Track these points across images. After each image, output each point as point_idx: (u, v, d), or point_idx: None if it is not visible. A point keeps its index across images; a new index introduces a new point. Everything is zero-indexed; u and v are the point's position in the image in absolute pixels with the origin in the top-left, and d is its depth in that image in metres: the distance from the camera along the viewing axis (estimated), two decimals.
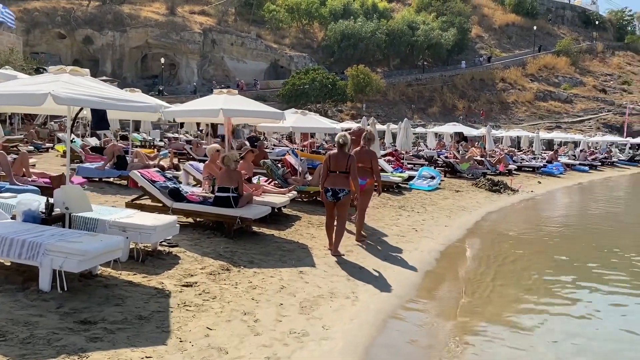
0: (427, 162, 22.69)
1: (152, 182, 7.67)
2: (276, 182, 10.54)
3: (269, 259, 6.46)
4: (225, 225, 7.21)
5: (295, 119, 11.77)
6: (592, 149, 37.61)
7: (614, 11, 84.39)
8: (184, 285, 5.15)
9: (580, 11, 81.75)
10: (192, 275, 5.45)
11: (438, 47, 58.12)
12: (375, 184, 8.15)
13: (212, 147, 8.80)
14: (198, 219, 7.77)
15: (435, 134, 33.67)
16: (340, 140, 7.34)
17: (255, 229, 7.75)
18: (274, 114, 7.66)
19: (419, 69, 60.77)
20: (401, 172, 17.26)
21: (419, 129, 38.07)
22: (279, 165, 12.03)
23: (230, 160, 7.42)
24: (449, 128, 26.97)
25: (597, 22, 77.83)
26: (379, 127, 36.89)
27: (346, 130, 9.30)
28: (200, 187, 8.81)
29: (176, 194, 7.56)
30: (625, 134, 47.81)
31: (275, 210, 8.66)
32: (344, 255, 7.18)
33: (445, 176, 19.75)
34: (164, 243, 6.37)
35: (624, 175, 30.97)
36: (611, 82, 62.54)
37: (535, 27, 68.76)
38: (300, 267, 6.27)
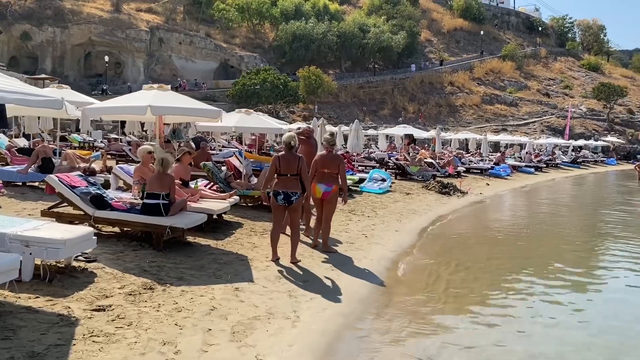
0: (378, 165, 22.47)
1: (72, 187, 6.82)
2: (218, 186, 9.85)
3: (202, 274, 5.77)
4: (154, 236, 6.47)
5: (238, 119, 11.04)
6: (537, 151, 38.56)
7: (555, 18, 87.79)
8: (95, 310, 4.41)
9: (524, 17, 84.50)
10: (107, 297, 4.72)
11: (388, 50, 58.52)
12: (341, 191, 7.64)
13: (143, 148, 8.00)
14: (125, 229, 6.98)
15: (387, 136, 33.64)
16: (291, 142, 6.79)
17: (189, 239, 7.04)
18: (210, 111, 6.94)
19: (370, 71, 61.01)
20: (352, 174, 16.85)
21: (371, 131, 38.04)
22: (222, 167, 11.33)
23: (164, 162, 6.70)
24: (399, 130, 26.89)
25: (540, 29, 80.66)
26: (330, 128, 36.71)
27: (296, 130, 8.71)
28: (130, 192, 8.01)
29: (99, 201, 6.75)
30: (567, 136, 49.42)
31: (214, 217, 7.98)
32: (300, 260, 6.68)
33: (396, 178, 19.51)
34: (80, 258, 5.58)
35: (567, 177, 31.80)
36: (554, 86, 64.75)
37: (482, 32, 70.47)
38: (237, 282, 5.62)
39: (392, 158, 23.30)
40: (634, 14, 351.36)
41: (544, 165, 33.75)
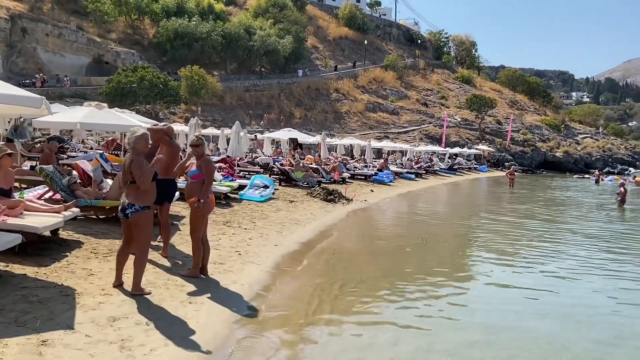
0: (262, 170, 21.31)
1: None
2: (60, 194, 8.06)
3: None
4: None
5: (86, 113, 9.14)
6: (417, 158, 39.79)
7: (433, 32, 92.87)
8: None
9: (405, 30, 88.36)
10: None
11: (275, 53, 57.72)
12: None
13: None
14: None
15: (273, 140, 32.62)
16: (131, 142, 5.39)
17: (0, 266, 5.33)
18: (26, 99, 5.23)
19: (257, 74, 59.80)
20: (232, 180, 15.50)
21: (258, 135, 36.83)
22: (73, 172, 9.45)
23: None
24: (284, 134, 25.92)
25: (419, 42, 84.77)
26: (214, 131, 34.86)
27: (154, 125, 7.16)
28: None
29: None
30: (444, 144, 51.92)
31: (45, 235, 6.28)
32: (150, 292, 5.26)
33: (280, 185, 18.49)
34: None
35: (445, 183, 32.95)
36: (431, 96, 68.12)
37: (366, 42, 72.33)
38: (48, 331, 4.10)
39: (277, 163, 22.24)
40: (500, 34, 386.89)
41: (424, 172, 34.78)
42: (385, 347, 4.99)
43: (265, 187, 15.20)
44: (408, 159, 35.94)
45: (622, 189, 20.95)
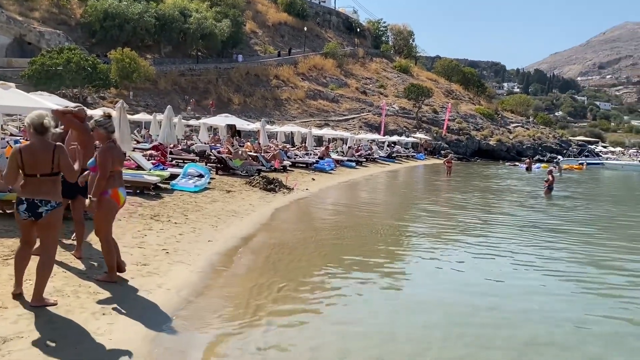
0: (198, 158, 20.30)
1: None
2: None
3: None
4: None
5: None
6: (357, 146, 39.69)
7: (371, 21, 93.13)
8: None
9: (344, 18, 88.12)
10: None
11: (212, 37, 55.86)
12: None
13: None
14: None
15: (210, 126, 31.42)
16: (43, 122, 4.57)
17: None
18: None
19: (193, 58, 57.74)
20: (163, 169, 14.51)
21: (193, 122, 35.40)
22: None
23: None
24: (221, 120, 24.87)
25: (358, 30, 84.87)
26: (146, 117, 33.14)
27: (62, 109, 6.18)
28: None
29: None
30: (382, 132, 52.24)
31: None
32: (56, 303, 4.45)
33: (217, 174, 17.63)
34: None
35: (384, 171, 32.99)
36: (370, 85, 68.41)
37: (305, 28, 71.52)
38: None
39: (213, 150, 21.26)
40: (436, 24, 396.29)
41: (364, 160, 34.71)
42: (328, 353, 4.45)
43: (200, 176, 14.32)
44: (349, 147, 35.73)
45: (550, 176, 21.49)
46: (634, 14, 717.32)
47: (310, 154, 28.39)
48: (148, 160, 16.13)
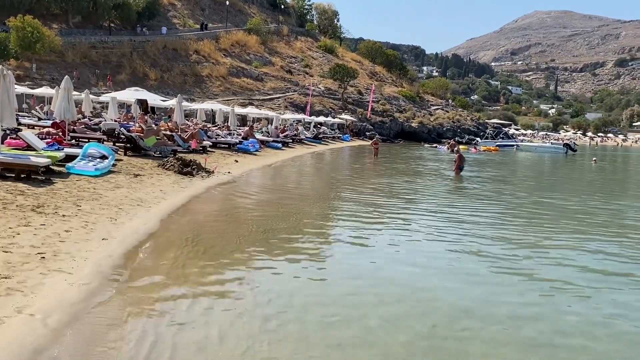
0: (105, 137, 18.14)
1: None
2: None
3: None
4: None
5: None
6: (283, 127, 38.32)
7: None
8: None
9: None
10: None
11: (126, 8, 52.03)
12: None
13: None
14: None
15: (122, 103, 28.86)
16: None
17: None
18: None
19: (105, 30, 53.46)
20: (57, 149, 12.50)
21: (103, 98, 32.42)
22: None
23: None
24: (130, 94, 22.45)
25: (282, 7, 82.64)
26: (48, 91, 29.86)
27: None
28: None
29: None
30: (308, 113, 51.12)
31: None
32: None
33: (125, 154, 15.71)
34: None
35: (311, 152, 31.96)
36: (295, 64, 66.80)
37: (227, 3, 68.46)
38: None
39: (123, 129, 19.12)
40: (359, 6, 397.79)
41: (290, 141, 33.45)
42: None
43: (103, 157, 12.47)
44: (275, 127, 34.29)
45: (456, 155, 21.13)
46: (543, 3, 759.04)
47: (233, 134, 26.72)
48: (43, 139, 14.00)
